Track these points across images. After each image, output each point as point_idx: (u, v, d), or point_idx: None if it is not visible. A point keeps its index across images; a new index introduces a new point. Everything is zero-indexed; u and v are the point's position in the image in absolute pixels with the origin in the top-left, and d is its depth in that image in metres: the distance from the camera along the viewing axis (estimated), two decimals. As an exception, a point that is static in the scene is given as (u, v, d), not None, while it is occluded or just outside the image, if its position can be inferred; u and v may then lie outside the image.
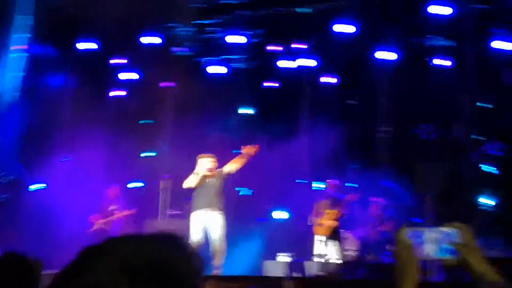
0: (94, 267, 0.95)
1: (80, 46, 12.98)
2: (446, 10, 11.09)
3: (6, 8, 11.62)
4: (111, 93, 13.58)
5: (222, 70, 13.22)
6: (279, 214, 11.92)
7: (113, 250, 0.97)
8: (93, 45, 12.92)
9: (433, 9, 11.04)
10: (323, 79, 12.84)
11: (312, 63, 12.58)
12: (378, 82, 12.49)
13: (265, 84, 13.28)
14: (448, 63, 11.62)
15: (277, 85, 13.23)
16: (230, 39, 12.78)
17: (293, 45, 12.68)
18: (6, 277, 2.43)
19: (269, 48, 12.97)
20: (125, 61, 13.39)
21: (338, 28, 11.87)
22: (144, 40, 12.87)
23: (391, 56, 11.85)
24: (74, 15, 12.90)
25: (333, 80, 12.83)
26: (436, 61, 11.56)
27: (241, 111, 13.52)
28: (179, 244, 1.01)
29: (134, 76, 13.47)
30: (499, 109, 11.30)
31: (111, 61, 13.36)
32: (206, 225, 8.46)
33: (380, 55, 11.88)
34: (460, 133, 11.27)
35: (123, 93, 13.68)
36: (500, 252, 8.25)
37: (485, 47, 11.24)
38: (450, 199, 9.31)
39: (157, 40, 12.95)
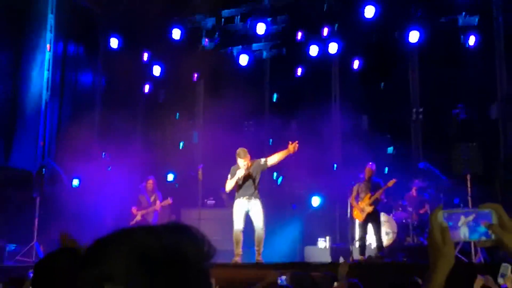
0: (108, 255, 0.99)
1: (109, 42, 13.09)
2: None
3: (40, 9, 11.74)
4: (144, 88, 13.69)
5: (250, 59, 13.17)
6: (316, 200, 11.92)
7: (125, 239, 1.02)
8: (117, 41, 13.00)
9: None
10: (353, 63, 12.68)
11: (339, 48, 12.43)
12: (409, 63, 12.37)
13: (294, 70, 13.18)
14: (475, 40, 11.33)
15: (304, 71, 13.14)
16: (256, 27, 12.72)
17: (319, 30, 12.56)
18: (60, 271, 2.47)
19: (295, 34, 12.85)
20: (153, 55, 13.47)
21: (364, 10, 11.69)
22: (172, 33, 12.90)
23: (420, 36, 11.64)
24: (97, 12, 13.02)
25: (363, 64, 12.68)
26: (468, 39, 11.31)
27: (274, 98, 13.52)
28: (189, 232, 1.05)
29: (162, 70, 13.55)
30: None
31: (140, 56, 13.44)
32: (248, 212, 8.63)
33: (409, 35, 11.68)
34: (496, 111, 11.11)
35: (153, 87, 13.79)
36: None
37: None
38: (488, 179, 9.22)
39: (184, 32, 12.97)
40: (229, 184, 8.74)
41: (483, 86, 11.24)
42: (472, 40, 11.32)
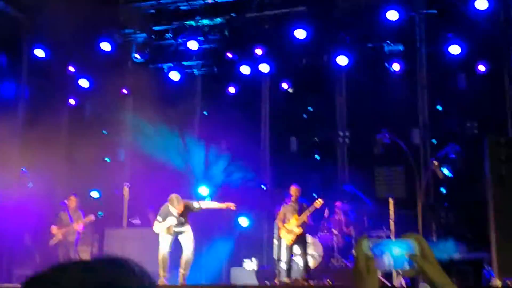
0: None
1: (34, 52, 12.64)
2: (400, 16, 11.21)
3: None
4: (69, 101, 13.28)
5: (180, 76, 13.03)
6: (244, 221, 11.91)
7: (60, 277, 0.96)
8: (43, 53, 12.57)
9: (388, 15, 11.17)
10: (282, 85, 12.83)
11: (269, 69, 12.52)
12: (336, 86, 12.66)
13: (225, 89, 13.16)
14: (399, 67, 11.72)
15: (235, 90, 13.15)
16: (188, 45, 12.63)
17: (251, 51, 12.61)
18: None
19: (227, 53, 12.85)
20: (80, 68, 13.10)
21: (294, 33, 11.84)
22: (101, 46, 12.60)
23: (349, 61, 11.90)
24: (23, 21, 12.56)
25: (292, 85, 12.84)
26: (393, 66, 11.67)
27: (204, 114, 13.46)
28: (127, 266, 1.01)
29: (89, 83, 13.18)
30: (452, 113, 11.64)
31: (68, 68, 13.03)
32: (177, 234, 8.54)
33: (337, 60, 11.92)
34: (417, 137, 11.55)
35: (79, 101, 13.41)
36: (461, 255, 8.50)
37: (437, 51, 11.50)
38: (410, 203, 9.53)
39: (113, 46, 12.70)
40: (159, 228, 8.61)
41: (406, 112, 11.66)
42: (396, 67, 11.68)
